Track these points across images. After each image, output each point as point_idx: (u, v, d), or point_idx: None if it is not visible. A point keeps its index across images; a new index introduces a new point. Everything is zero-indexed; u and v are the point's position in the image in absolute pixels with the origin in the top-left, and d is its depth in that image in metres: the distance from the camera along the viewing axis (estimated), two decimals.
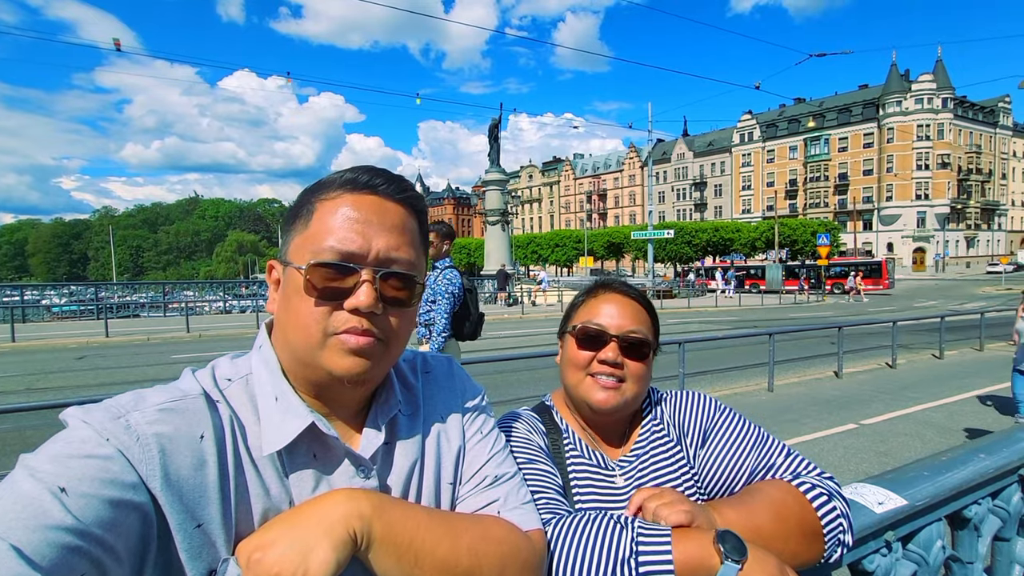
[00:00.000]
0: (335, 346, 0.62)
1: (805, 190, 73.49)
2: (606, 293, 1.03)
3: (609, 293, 1.03)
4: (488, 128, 30.66)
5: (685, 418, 1.02)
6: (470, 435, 0.78)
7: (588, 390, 0.96)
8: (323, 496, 0.60)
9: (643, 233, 32.78)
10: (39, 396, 7.88)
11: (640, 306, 1.02)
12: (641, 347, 0.97)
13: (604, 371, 0.95)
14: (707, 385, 8.31)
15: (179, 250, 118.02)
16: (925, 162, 63.93)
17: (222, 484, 0.57)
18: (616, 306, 1.00)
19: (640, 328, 0.98)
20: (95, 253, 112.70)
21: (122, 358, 11.41)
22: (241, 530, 0.58)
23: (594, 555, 0.71)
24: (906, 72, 66.57)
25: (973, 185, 67.06)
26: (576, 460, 0.97)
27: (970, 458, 1.17)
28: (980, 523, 1.17)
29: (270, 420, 0.62)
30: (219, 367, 0.66)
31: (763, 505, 0.82)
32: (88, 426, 0.52)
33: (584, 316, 1.01)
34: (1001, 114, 71.37)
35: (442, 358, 0.85)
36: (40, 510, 0.45)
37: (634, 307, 1.01)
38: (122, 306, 21.86)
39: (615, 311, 0.99)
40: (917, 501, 1.00)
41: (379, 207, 0.66)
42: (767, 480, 0.89)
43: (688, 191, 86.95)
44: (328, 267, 0.62)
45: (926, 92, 63.51)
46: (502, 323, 18.26)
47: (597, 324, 0.98)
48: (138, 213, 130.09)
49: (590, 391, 0.96)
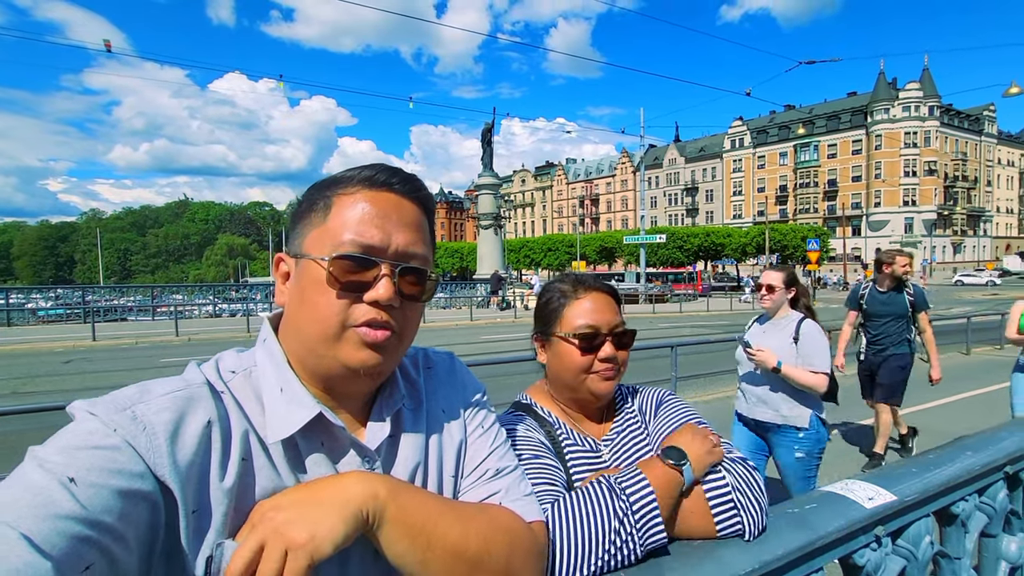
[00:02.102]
0: (352, 339, 0.63)
1: (795, 196, 74.34)
2: (587, 292, 1.09)
3: (590, 292, 1.09)
4: (481, 132, 30.73)
5: (650, 403, 1.16)
6: (472, 429, 0.79)
7: (592, 384, 1.05)
8: (342, 475, 0.62)
9: (635, 238, 32.89)
10: (24, 400, 7.75)
11: (611, 297, 1.11)
12: (627, 337, 1.07)
13: (604, 367, 1.04)
14: (699, 388, 8.35)
15: (168, 253, 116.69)
16: (912, 169, 64.98)
17: (227, 471, 0.58)
18: (601, 302, 1.08)
19: (622, 319, 1.08)
20: (82, 256, 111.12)
21: (109, 362, 11.27)
22: (243, 517, 0.58)
23: (593, 502, 0.82)
24: (894, 80, 67.72)
25: (959, 192, 68.19)
26: (571, 447, 1.05)
27: (957, 455, 1.19)
28: (967, 519, 1.19)
29: (275, 410, 0.63)
30: (223, 360, 0.67)
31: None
32: (95, 418, 0.53)
33: (573, 319, 1.06)
34: (986, 122, 72.72)
35: (443, 354, 0.87)
36: (49, 500, 0.45)
37: (609, 300, 1.09)
38: (109, 310, 21.54)
39: (602, 307, 1.07)
40: (906, 497, 1.01)
41: (396, 204, 0.67)
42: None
43: (680, 196, 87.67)
44: (351, 259, 0.63)
45: (913, 100, 64.63)
46: (495, 327, 18.25)
47: (591, 326, 1.04)
48: (126, 216, 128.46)
49: (593, 385, 1.04)
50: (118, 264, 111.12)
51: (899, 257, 4.75)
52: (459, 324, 18.76)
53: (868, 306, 4.87)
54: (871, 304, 4.86)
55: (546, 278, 36.78)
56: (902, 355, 4.78)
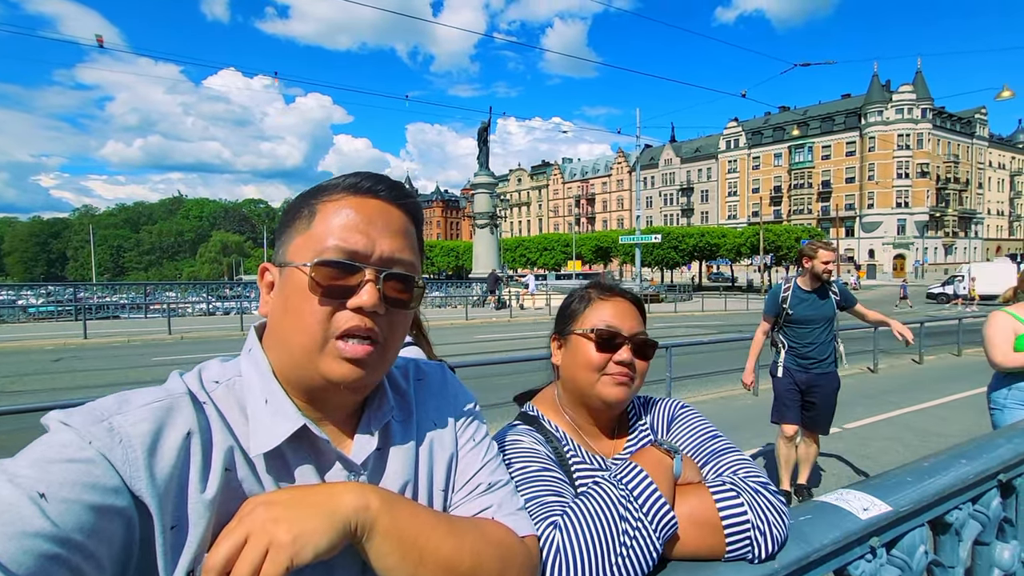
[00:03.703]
0: (333, 352, 0.62)
1: (789, 196, 74.71)
2: (612, 296, 1.08)
3: (615, 297, 1.08)
4: (478, 131, 30.72)
5: (661, 417, 1.12)
6: (463, 442, 0.77)
7: (603, 387, 1.02)
8: (337, 483, 0.61)
9: (631, 238, 32.92)
10: (13, 399, 7.67)
11: (638, 309, 1.09)
12: (648, 347, 1.05)
13: (619, 371, 1.01)
14: (693, 389, 8.37)
15: (162, 250, 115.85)
16: (905, 171, 65.46)
17: (208, 483, 0.56)
18: (624, 309, 1.06)
19: (645, 330, 1.06)
20: (74, 253, 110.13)
21: (101, 360, 11.16)
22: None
23: (594, 501, 0.80)
24: (887, 83, 68.20)
25: (951, 194, 68.74)
26: (579, 465, 1.01)
27: (952, 464, 1.19)
28: (961, 528, 1.18)
29: (259, 422, 0.61)
30: (206, 369, 0.66)
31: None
32: (70, 429, 0.51)
33: (595, 318, 1.05)
34: (978, 125, 73.35)
35: (435, 365, 0.85)
36: (18, 516, 0.43)
37: (635, 310, 1.08)
38: (101, 307, 21.36)
39: (624, 313, 1.05)
40: (901, 507, 1.00)
41: (382, 210, 0.67)
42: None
43: (675, 196, 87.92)
44: (333, 265, 0.62)
45: (906, 102, 65.11)
46: (490, 326, 18.24)
47: (613, 327, 1.03)
48: (119, 212, 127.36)
49: (605, 388, 1.01)
50: (111, 261, 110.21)
51: (823, 252, 3.88)
52: (454, 323, 18.73)
53: (794, 310, 4.00)
54: (797, 307, 3.99)
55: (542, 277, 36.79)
56: (835, 374, 4.08)
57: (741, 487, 0.85)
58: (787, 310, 4.04)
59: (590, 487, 0.84)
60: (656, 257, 50.84)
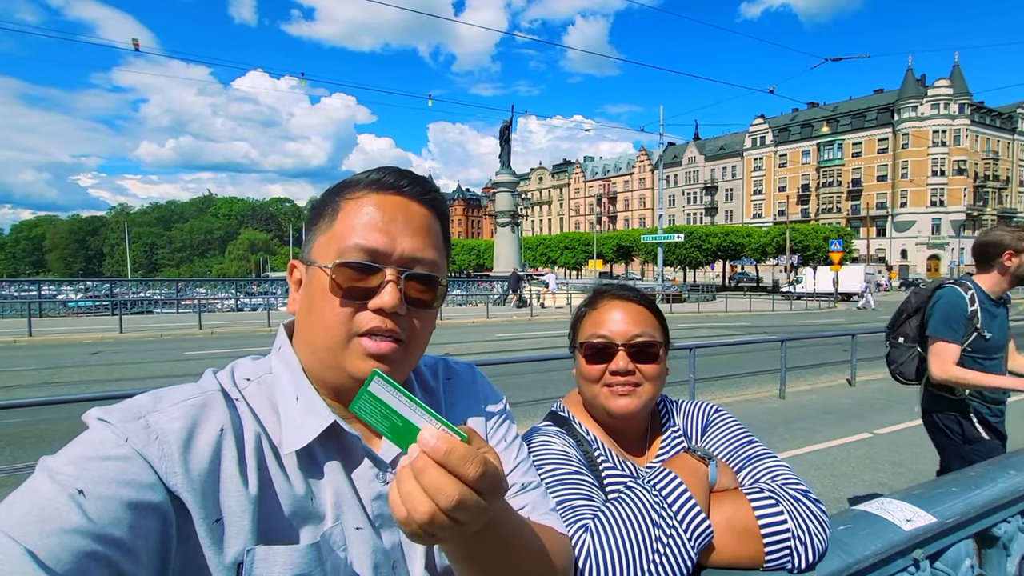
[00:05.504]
0: (356, 349, 0.62)
1: (817, 195, 72.82)
2: (606, 301, 1.03)
3: (609, 301, 1.03)
4: (499, 130, 30.75)
5: (695, 422, 1.08)
6: (494, 443, 0.77)
7: (606, 400, 0.98)
8: None
9: (653, 237, 32.57)
10: (54, 390, 7.99)
11: (642, 307, 1.02)
12: (649, 349, 0.98)
13: (618, 380, 0.97)
14: (718, 391, 8.24)
15: (192, 247, 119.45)
16: (941, 168, 63.08)
17: (244, 477, 0.57)
18: (618, 313, 1.00)
19: (646, 330, 0.99)
20: (111, 249, 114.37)
21: (136, 353, 11.55)
22: (266, 523, 0.57)
23: (627, 506, 0.79)
24: (922, 77, 65.78)
25: (990, 192, 66.03)
26: (610, 471, 0.98)
27: (1000, 474, 1.14)
28: (1009, 542, 1.14)
29: (291, 419, 0.62)
30: (239, 367, 0.67)
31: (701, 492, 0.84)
32: (107, 426, 0.52)
33: (589, 329, 1.02)
34: (1019, 120, 70.22)
35: (464, 364, 0.85)
36: (57, 513, 0.44)
37: (636, 310, 1.01)
38: (136, 302, 22.18)
39: (618, 318, 1.00)
40: (946, 519, 0.97)
41: (404, 207, 0.65)
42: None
43: (699, 195, 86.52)
44: (353, 267, 0.62)
45: (942, 97, 62.69)
46: (512, 325, 18.25)
47: (601, 336, 0.99)
48: (153, 210, 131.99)
49: (608, 401, 0.98)
50: (144, 257, 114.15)
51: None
52: (475, 321, 18.80)
53: (989, 331, 2.58)
54: (990, 325, 2.59)
55: (562, 276, 36.64)
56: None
57: (780, 495, 0.82)
58: (982, 332, 2.57)
59: (622, 492, 0.82)
60: (679, 256, 50.16)
